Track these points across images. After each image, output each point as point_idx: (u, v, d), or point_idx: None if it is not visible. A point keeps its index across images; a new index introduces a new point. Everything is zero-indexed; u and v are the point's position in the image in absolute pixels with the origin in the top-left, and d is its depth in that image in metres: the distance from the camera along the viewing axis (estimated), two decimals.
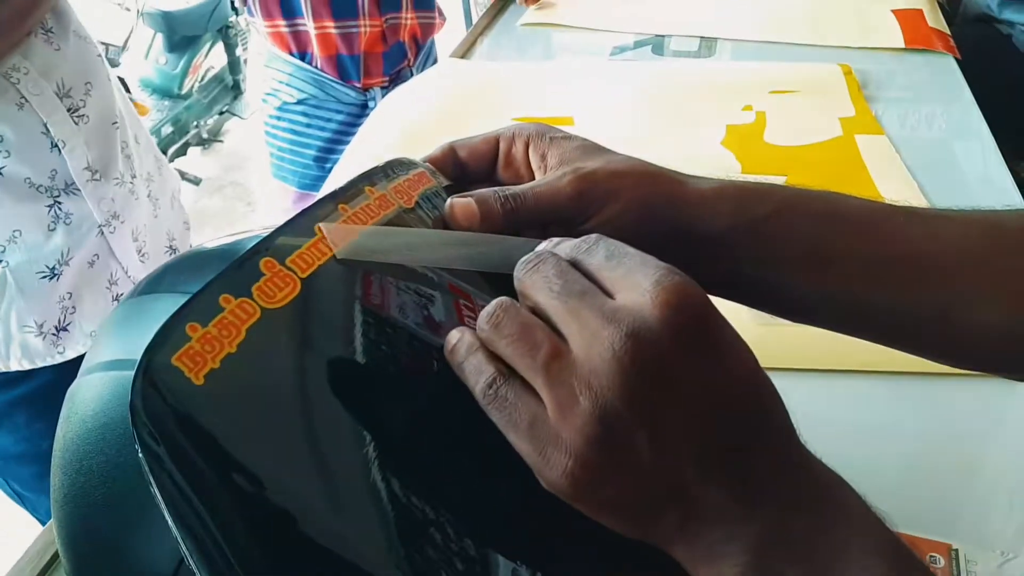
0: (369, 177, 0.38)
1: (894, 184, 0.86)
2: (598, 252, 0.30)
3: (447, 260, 0.36)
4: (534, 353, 0.28)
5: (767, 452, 0.28)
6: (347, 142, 1.38)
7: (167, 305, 0.37)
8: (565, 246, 0.31)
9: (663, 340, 0.27)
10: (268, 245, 0.33)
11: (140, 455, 0.29)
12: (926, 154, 0.91)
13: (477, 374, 0.30)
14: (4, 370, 0.90)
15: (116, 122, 0.94)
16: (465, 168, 0.41)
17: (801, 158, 0.91)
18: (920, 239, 0.39)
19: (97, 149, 0.90)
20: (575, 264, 0.30)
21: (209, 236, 0.43)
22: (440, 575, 0.30)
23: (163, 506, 0.29)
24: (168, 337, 0.30)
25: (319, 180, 1.39)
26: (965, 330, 0.39)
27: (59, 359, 0.91)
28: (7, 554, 0.60)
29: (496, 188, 0.38)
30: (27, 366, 0.90)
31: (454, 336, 0.32)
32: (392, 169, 0.39)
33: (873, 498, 0.29)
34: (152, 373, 0.29)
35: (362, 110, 1.38)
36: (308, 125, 1.38)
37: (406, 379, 0.34)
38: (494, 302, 0.30)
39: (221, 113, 3.33)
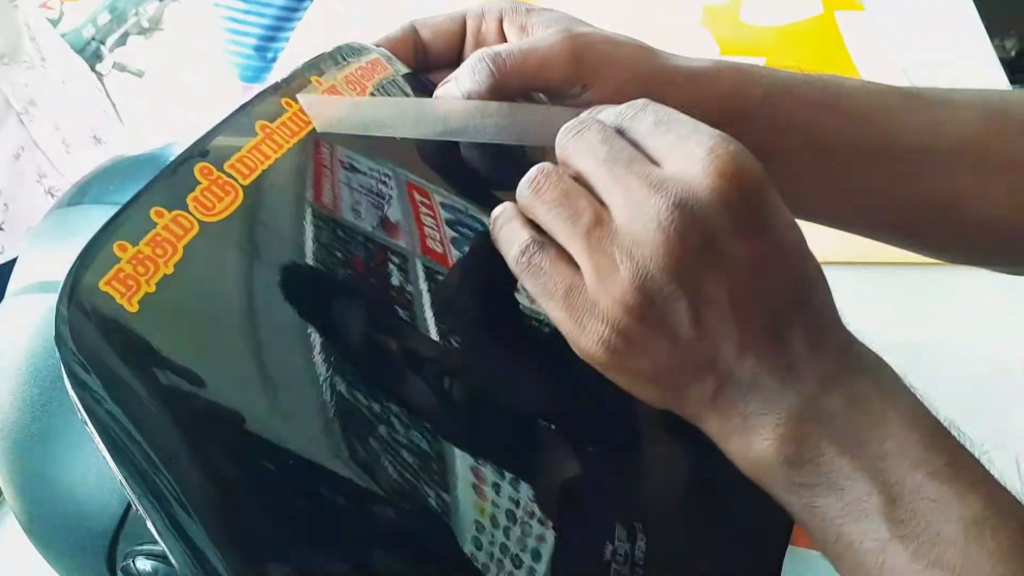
0: (316, 66, 0.33)
1: (874, 65, 0.82)
2: (646, 118, 0.28)
3: (469, 131, 0.32)
4: (575, 220, 0.27)
5: (807, 328, 0.27)
6: (290, 29, 1.30)
7: (95, 218, 0.33)
8: (609, 112, 0.29)
9: (712, 212, 0.26)
10: (203, 149, 0.29)
11: (70, 390, 0.26)
12: (907, 30, 0.87)
13: (510, 242, 0.29)
14: None
15: (15, 2, 0.89)
16: (428, 52, 0.37)
17: (780, 38, 0.86)
18: (920, 127, 0.36)
19: (1, 31, 0.85)
20: (621, 132, 0.29)
21: (154, 136, 0.39)
22: (390, 469, 0.28)
23: (101, 445, 0.26)
24: (94, 258, 0.26)
25: (262, 71, 1.32)
26: (967, 224, 0.37)
27: (0, 259, 0.87)
28: None
29: (481, 50, 0.33)
30: None
31: (497, 209, 0.30)
32: (342, 56, 0.35)
33: None
34: (79, 299, 0.26)
35: None
36: (247, 11, 1.29)
37: (363, 284, 0.31)
38: (535, 167, 0.28)
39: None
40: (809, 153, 0.35)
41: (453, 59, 0.37)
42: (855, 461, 0.26)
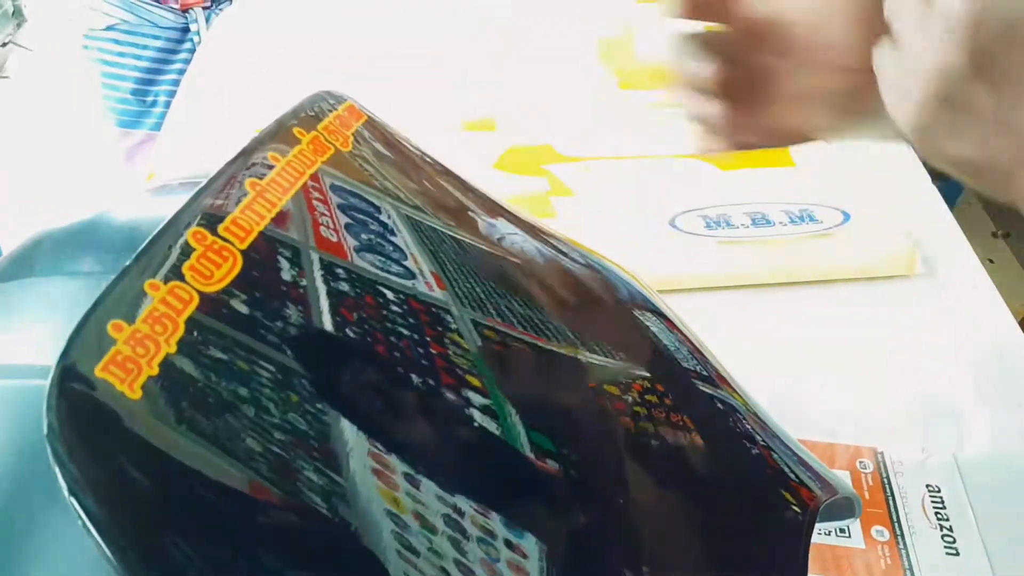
0: (296, 115, 0.32)
1: None
2: None
3: None
4: None
5: None
6: (169, 72, 1.25)
7: (54, 291, 0.30)
8: None
9: None
10: (193, 212, 0.26)
11: (69, 495, 0.22)
12: None
13: None
14: None
15: None
16: None
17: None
18: None
19: None
20: None
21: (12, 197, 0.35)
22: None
23: (107, 552, 0.23)
24: (87, 340, 0.23)
25: (141, 116, 1.25)
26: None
27: None
28: None
29: None
30: None
31: None
32: (318, 105, 0.33)
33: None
34: (73, 387, 0.23)
35: (183, 34, 1.24)
36: (121, 54, 1.22)
37: (386, 343, 0.28)
38: None
39: (3, 44, 2.92)
40: None
41: None
42: None
